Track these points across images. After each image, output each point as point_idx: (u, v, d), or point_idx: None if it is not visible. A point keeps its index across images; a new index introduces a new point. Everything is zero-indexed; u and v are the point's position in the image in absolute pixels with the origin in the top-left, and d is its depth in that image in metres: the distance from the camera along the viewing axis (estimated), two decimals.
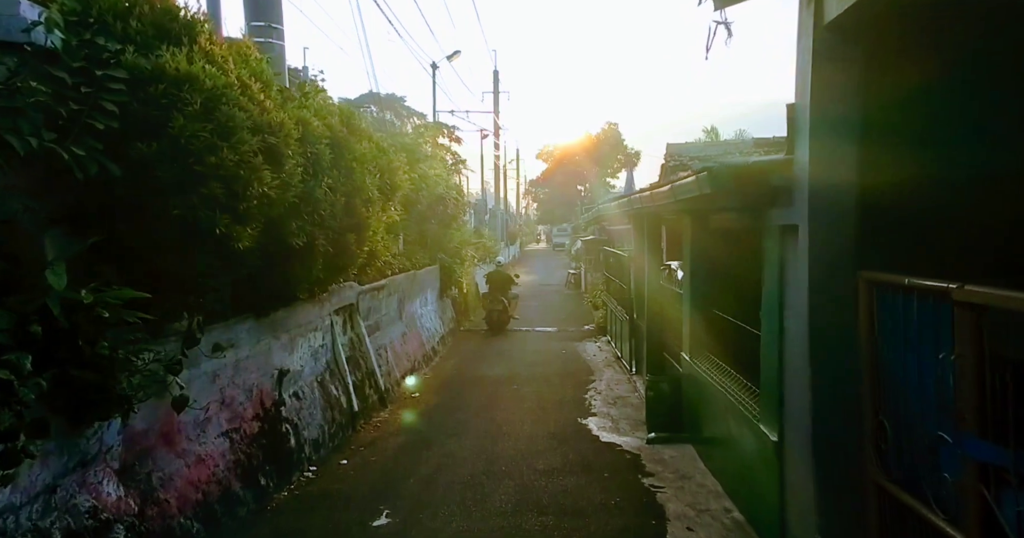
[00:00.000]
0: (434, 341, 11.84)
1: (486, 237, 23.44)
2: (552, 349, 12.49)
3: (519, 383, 9.68)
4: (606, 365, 11.13)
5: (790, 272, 3.83)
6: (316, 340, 6.43)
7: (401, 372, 9.21)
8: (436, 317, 12.76)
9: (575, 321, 16.10)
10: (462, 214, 14.11)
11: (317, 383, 6.28)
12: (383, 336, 8.98)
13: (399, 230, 9.65)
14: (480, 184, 28.80)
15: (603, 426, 7.30)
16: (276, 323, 5.38)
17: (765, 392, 4.31)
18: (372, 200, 5.78)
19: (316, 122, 4.74)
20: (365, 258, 6.16)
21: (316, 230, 4.90)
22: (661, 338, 9.10)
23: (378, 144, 6.65)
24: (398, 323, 9.99)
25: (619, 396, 8.93)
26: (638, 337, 10.21)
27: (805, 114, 3.28)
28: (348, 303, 7.61)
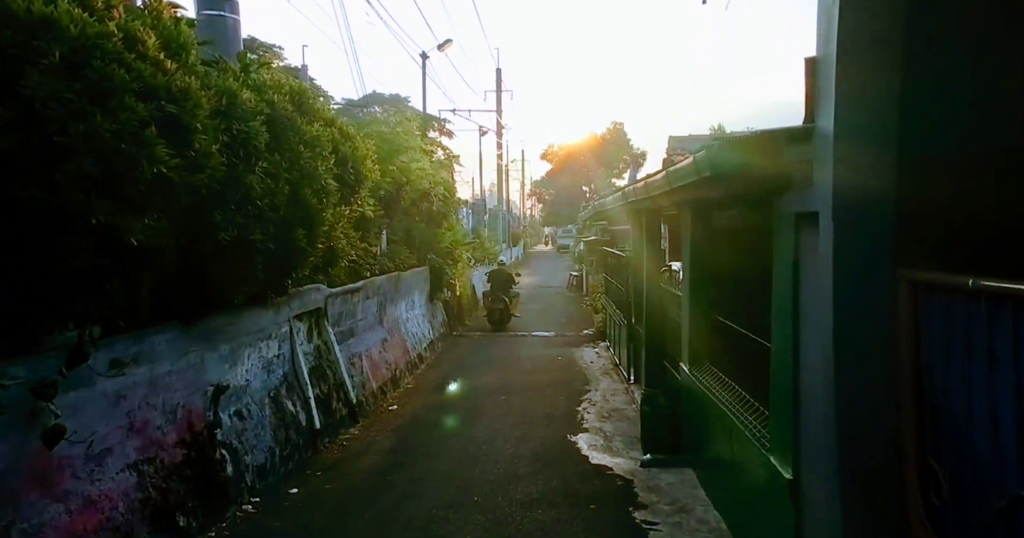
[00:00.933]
0: (421, 347, 11.14)
1: (484, 238, 22.75)
2: (547, 355, 11.77)
3: (508, 393, 8.96)
4: (603, 373, 10.39)
5: (807, 271, 3.10)
6: (270, 350, 5.73)
7: (379, 382, 8.51)
8: (424, 322, 12.06)
9: (574, 325, 15.36)
10: (453, 212, 13.41)
11: (269, 399, 5.57)
12: (358, 343, 8.28)
13: (375, 227, 8.96)
14: (479, 183, 28.13)
15: (594, 444, 6.57)
16: (212, 332, 4.69)
17: (776, 417, 3.58)
18: (328, 190, 5.08)
19: (248, 95, 4.04)
20: (322, 257, 5.45)
21: (252, 223, 4.20)
22: (661, 345, 8.37)
23: (342, 128, 5.96)
24: (378, 328, 9.29)
25: (615, 408, 8.20)
26: (636, 343, 9.47)
27: (830, 69, 2.56)
28: (314, 308, 6.91)
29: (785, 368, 3.42)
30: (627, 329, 9.81)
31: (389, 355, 9.32)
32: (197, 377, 4.50)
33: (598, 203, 9.63)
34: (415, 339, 11.01)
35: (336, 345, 7.28)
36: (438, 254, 13.14)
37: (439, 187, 10.81)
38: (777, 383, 3.59)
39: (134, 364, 3.78)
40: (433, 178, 10.56)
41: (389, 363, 9.17)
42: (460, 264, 15.26)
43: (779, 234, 3.46)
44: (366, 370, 8.18)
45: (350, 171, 5.82)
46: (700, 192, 4.34)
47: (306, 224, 4.83)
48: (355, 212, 6.22)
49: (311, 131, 4.87)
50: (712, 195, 4.55)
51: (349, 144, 5.96)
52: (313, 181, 4.85)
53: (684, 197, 5.16)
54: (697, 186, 3.98)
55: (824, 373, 2.83)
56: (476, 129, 37.99)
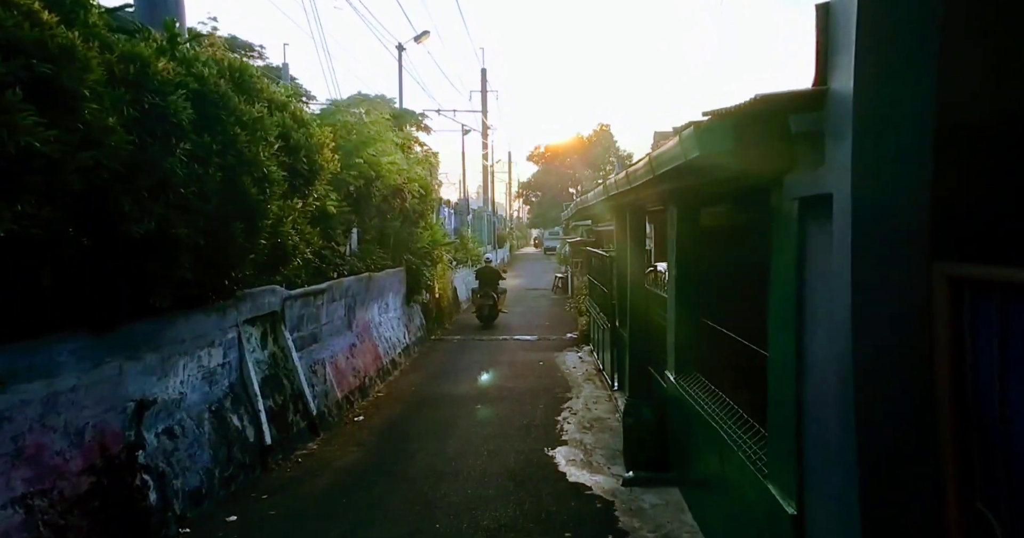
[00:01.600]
0: (394, 353, 10.56)
1: (467, 238, 22.21)
2: (529, 361, 11.23)
3: (485, 402, 8.42)
4: (586, 379, 9.88)
5: (815, 267, 2.60)
6: (212, 358, 5.15)
7: (345, 391, 7.93)
8: (399, 325, 11.49)
9: (558, 328, 14.85)
10: (431, 211, 12.85)
11: (210, 413, 4.99)
12: (322, 349, 7.70)
13: (342, 225, 8.39)
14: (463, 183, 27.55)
15: (573, 459, 6.04)
16: (135, 339, 4.11)
17: (776, 439, 3.07)
18: (273, 179, 4.52)
19: (167, 65, 3.48)
20: (268, 255, 4.89)
21: (175, 214, 3.64)
22: (645, 350, 7.88)
23: (295, 113, 5.40)
24: (346, 333, 8.71)
25: (597, 418, 7.68)
26: (620, 348, 8.98)
27: (849, 14, 2.06)
28: (269, 311, 6.33)
29: (785, 381, 2.92)
30: (611, 333, 9.32)
31: (358, 361, 8.75)
32: (114, 392, 3.92)
33: (580, 200, 9.13)
34: (389, 344, 10.44)
35: (294, 352, 6.71)
36: (415, 255, 12.58)
37: (414, 184, 10.24)
38: (776, 398, 3.09)
39: (24, 379, 3.20)
40: (407, 174, 10.00)
41: (358, 370, 8.60)
42: (440, 265, 14.71)
43: (779, 224, 2.96)
44: (330, 378, 7.61)
45: (303, 160, 5.26)
46: (688, 180, 3.84)
47: (245, 217, 4.27)
48: (311, 206, 5.65)
49: (251, 112, 4.30)
50: (701, 183, 4.05)
51: (303, 131, 5.40)
52: (253, 168, 4.29)
53: (670, 187, 4.66)
54: (684, 172, 3.47)
55: (837, 389, 2.33)
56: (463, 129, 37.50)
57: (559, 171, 59.88)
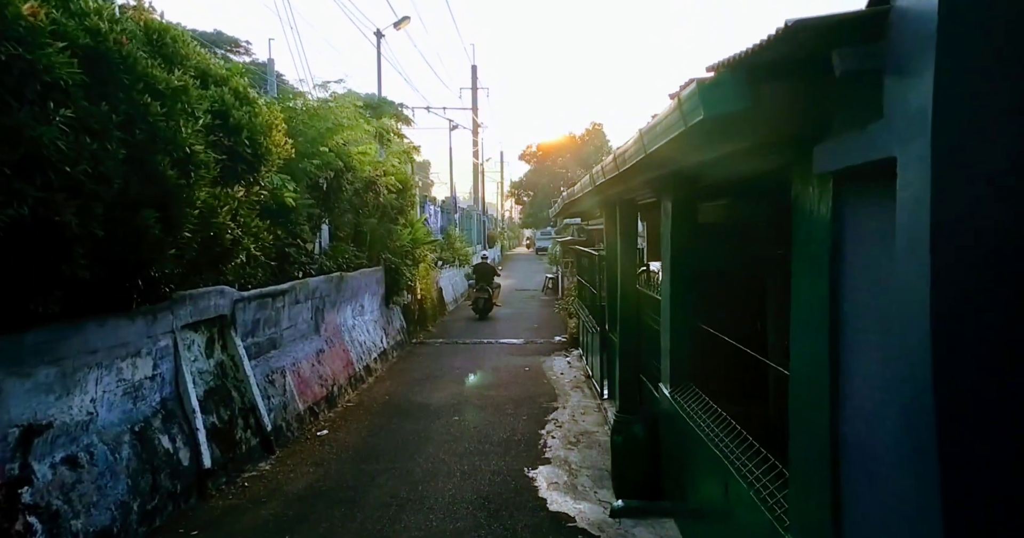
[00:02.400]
0: (369, 358, 9.87)
1: (455, 237, 21.52)
2: (514, 366, 10.57)
3: (464, 412, 7.75)
4: (574, 387, 9.22)
5: (861, 261, 1.95)
6: (138, 370, 4.46)
7: (309, 402, 7.24)
8: (376, 328, 10.79)
9: (546, 331, 14.19)
10: (411, 207, 12.16)
11: (132, 435, 4.29)
12: (283, 356, 7.00)
13: (309, 220, 7.70)
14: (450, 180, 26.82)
15: (556, 482, 5.38)
16: (19, 352, 3.41)
17: (801, 484, 2.41)
18: (198, 162, 3.83)
19: (33, 5, 2.79)
20: (198, 250, 4.19)
21: (58, 198, 2.95)
22: (637, 357, 7.24)
23: (237, 89, 4.70)
24: (313, 338, 8.02)
25: (584, 431, 7.02)
26: (610, 353, 8.33)
27: None
28: (216, 315, 5.64)
29: (814, 409, 2.26)
30: (600, 337, 8.67)
31: (326, 369, 8.05)
32: None
33: (568, 193, 8.48)
34: (363, 349, 9.74)
35: (247, 360, 6.01)
36: (394, 254, 11.89)
37: (390, 177, 9.55)
38: (801, 430, 2.43)
39: None
40: (384, 166, 9.31)
41: (325, 378, 7.90)
42: (423, 265, 14.03)
43: (806, 209, 2.30)
44: (291, 388, 6.91)
45: (245, 142, 4.57)
46: (689, 158, 3.18)
47: (160, 204, 3.57)
48: (258, 195, 4.96)
49: (169, 80, 3.61)
50: (703, 165, 3.40)
51: (246, 109, 4.71)
52: (172, 147, 3.60)
53: (665, 173, 4.01)
54: (684, 148, 2.81)
55: (903, 429, 1.68)
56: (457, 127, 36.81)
57: (551, 171, 59.27)
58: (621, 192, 6.63)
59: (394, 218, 11.46)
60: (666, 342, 4.69)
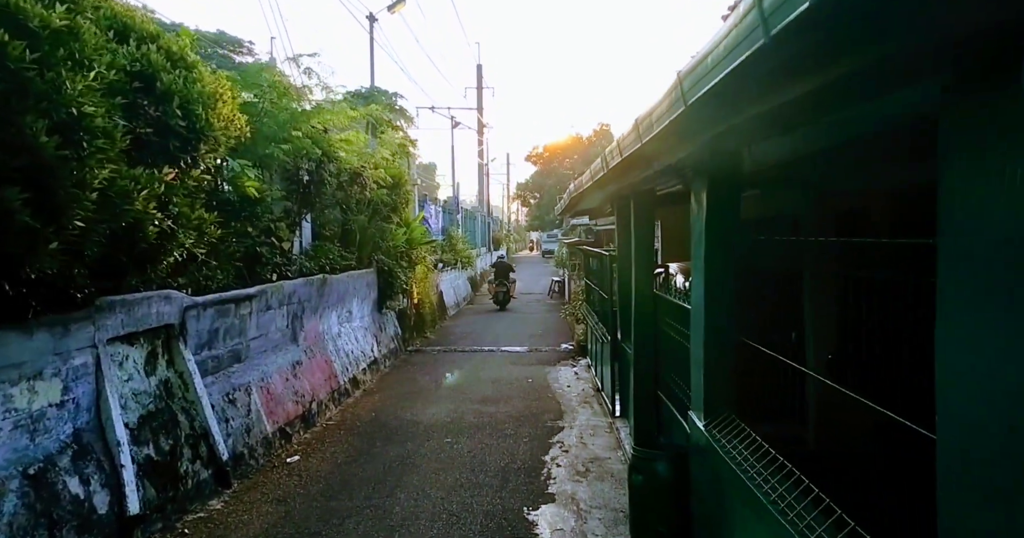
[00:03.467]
0: (356, 369, 8.98)
1: (457, 239, 20.63)
2: (516, 377, 9.65)
3: (458, 433, 6.85)
4: (582, 402, 8.31)
5: None
6: (34, 398, 3.57)
7: (280, 422, 6.35)
8: (366, 336, 9.91)
9: (552, 338, 13.28)
10: (405, 204, 11.28)
11: (24, 480, 3.41)
12: (249, 370, 6.12)
13: (282, 215, 6.84)
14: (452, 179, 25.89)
15: (562, 528, 4.46)
16: None
17: None
18: (94, 128, 2.94)
19: None
20: (106, 246, 3.31)
21: None
22: (655, 372, 6.33)
23: (170, 49, 3.83)
24: (288, 348, 7.13)
25: (594, 457, 6.10)
26: (623, 366, 7.42)
27: None
28: (159, 324, 4.77)
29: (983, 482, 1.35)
30: (611, 347, 7.76)
31: (303, 383, 7.16)
32: None
33: (575, 185, 7.57)
34: (349, 359, 8.86)
35: (199, 377, 5.12)
36: (388, 255, 11.01)
37: (379, 170, 8.66)
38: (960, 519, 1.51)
39: None
40: (373, 159, 8.43)
41: (302, 394, 7.01)
42: (420, 267, 13.15)
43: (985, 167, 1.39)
44: (258, 408, 6.02)
45: (177, 113, 3.69)
46: (760, 100, 2.24)
47: (32, 181, 2.69)
48: (198, 180, 4.08)
49: (48, 19, 2.73)
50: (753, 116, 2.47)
51: (183, 74, 3.83)
52: (50, 106, 2.71)
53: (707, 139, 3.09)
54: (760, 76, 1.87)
55: None
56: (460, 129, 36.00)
57: (558, 172, 58.37)
58: (637, 182, 5.72)
59: (387, 216, 10.58)
60: (699, 362, 3.77)
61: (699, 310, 3.76)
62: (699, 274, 3.76)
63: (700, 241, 3.71)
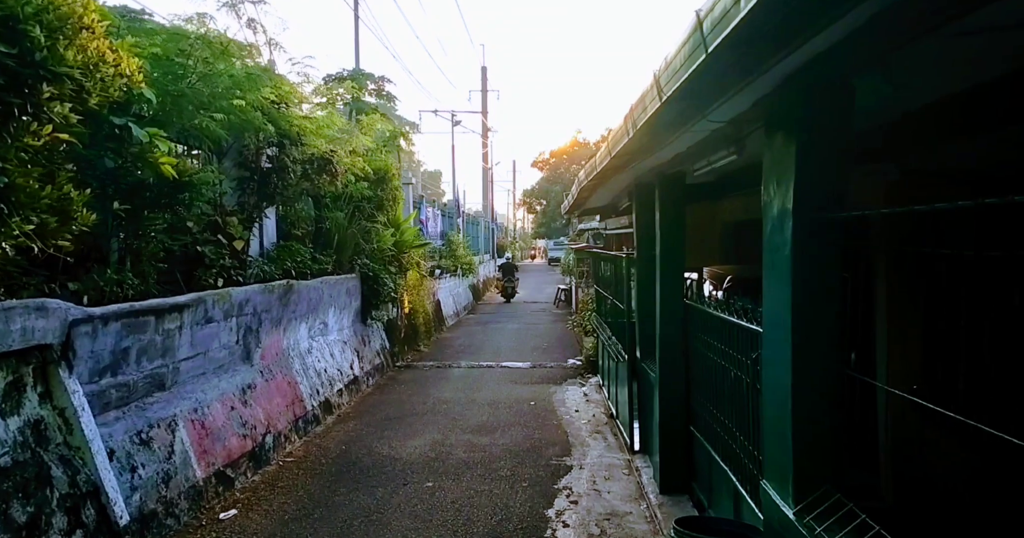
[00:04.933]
0: (331, 390, 7.72)
1: (458, 244, 19.40)
2: (517, 399, 8.37)
3: (442, 475, 5.58)
4: (593, 431, 7.02)
5: None
6: None
7: (217, 464, 5.08)
8: (345, 351, 8.65)
9: (558, 351, 12.00)
10: (394, 202, 10.04)
11: None
12: (176, 400, 4.87)
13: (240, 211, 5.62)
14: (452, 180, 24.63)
15: None
16: None
17: None
18: None
19: None
20: None
21: None
22: (686, 398, 5.08)
23: None
24: (238, 369, 5.89)
25: (611, 512, 4.82)
26: (643, 390, 6.14)
27: None
28: (28, 345, 3.52)
29: None
30: (627, 367, 6.47)
31: (256, 411, 5.90)
32: None
33: (586, 171, 6.30)
34: (322, 379, 7.60)
35: (87, 414, 3.86)
36: (374, 259, 9.79)
37: (356, 158, 7.42)
38: None
39: None
40: (349, 144, 7.20)
41: (252, 425, 5.75)
42: (412, 272, 11.91)
43: None
44: (185, 448, 4.76)
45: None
46: None
47: None
48: (48, 140, 2.84)
49: None
50: None
51: None
52: None
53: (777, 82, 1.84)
54: None
55: None
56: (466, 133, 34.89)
57: (565, 179, 57.15)
58: (665, 163, 4.48)
59: (370, 214, 9.35)
60: (780, 410, 2.48)
61: (779, 333, 2.48)
62: (779, 280, 2.48)
63: (781, 231, 2.44)
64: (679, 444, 5.12)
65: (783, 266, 2.41)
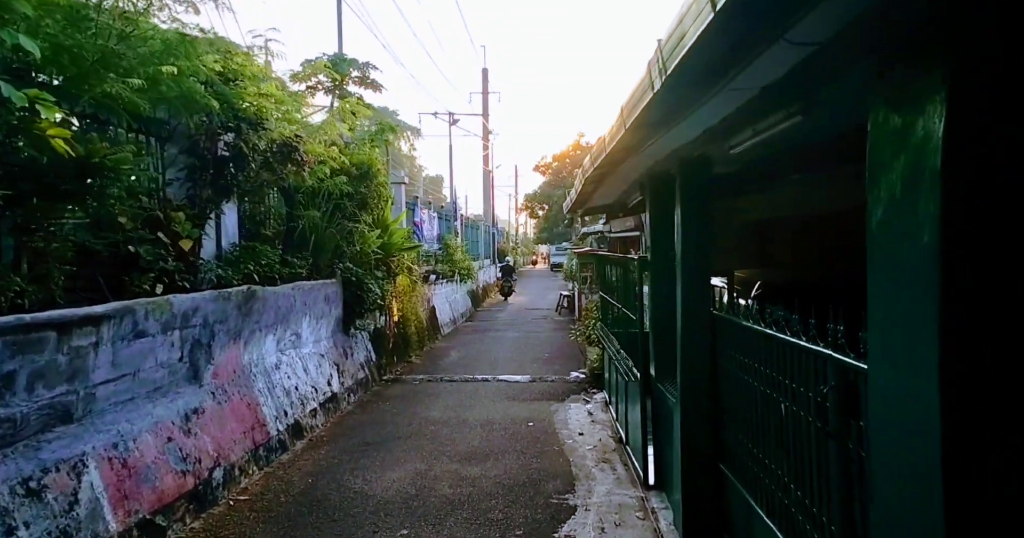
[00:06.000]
0: (302, 410, 6.80)
1: (455, 247, 18.50)
2: (514, 419, 7.45)
3: (420, 519, 4.66)
4: (600, 459, 6.09)
5: None
6: None
7: (143, 511, 4.15)
8: (323, 365, 7.74)
9: (560, 363, 11.07)
10: (379, 200, 9.13)
11: None
12: (88, 434, 3.95)
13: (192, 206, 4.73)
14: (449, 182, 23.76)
15: None
16: None
17: None
18: None
19: None
20: None
21: None
22: (714, 430, 4.18)
23: None
24: (181, 391, 4.98)
25: None
26: (660, 415, 5.21)
27: None
28: None
29: None
30: (640, 386, 5.55)
31: (201, 441, 4.99)
32: None
33: (589, 160, 5.38)
34: (291, 398, 6.68)
35: None
36: (358, 262, 8.89)
37: (333, 148, 6.52)
38: None
39: None
40: (324, 132, 6.30)
41: (196, 458, 4.84)
42: (402, 278, 11.00)
43: None
44: (95, 495, 3.83)
45: None
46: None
47: None
48: None
49: None
50: None
51: None
52: None
53: None
54: None
55: None
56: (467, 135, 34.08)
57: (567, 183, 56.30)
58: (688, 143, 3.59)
59: (353, 213, 8.45)
60: (912, 505, 1.56)
61: (909, 376, 1.56)
62: (906, 288, 1.57)
63: (913, 209, 1.53)
64: (706, 484, 4.20)
65: (916, 266, 1.50)
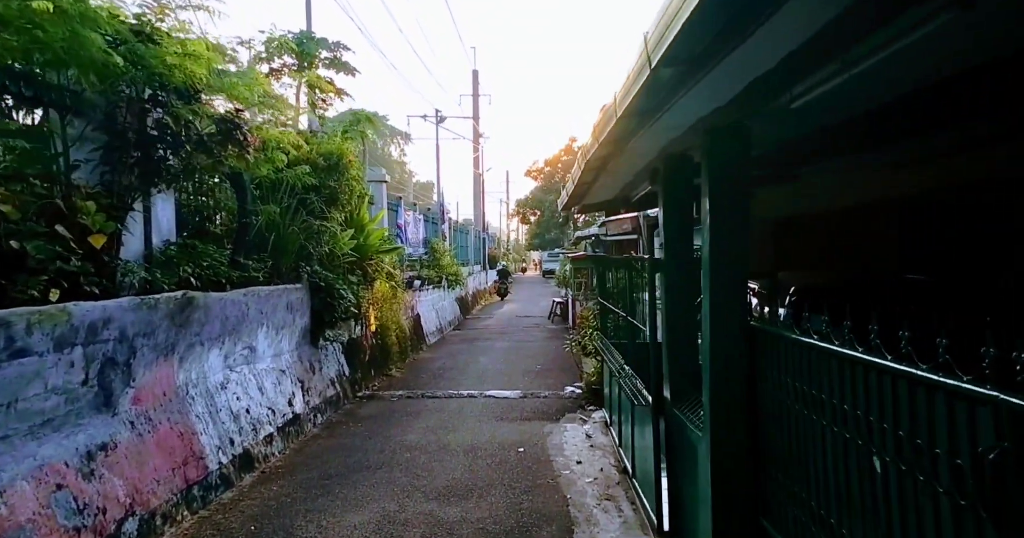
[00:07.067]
0: (254, 437, 5.82)
1: (443, 252, 17.55)
2: (502, 443, 6.50)
3: None
4: (602, 495, 5.15)
5: None
6: None
7: None
8: (283, 383, 6.76)
9: (554, 377, 10.13)
10: (353, 196, 8.19)
11: None
12: None
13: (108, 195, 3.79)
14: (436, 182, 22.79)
15: None
16: None
17: None
18: None
19: None
20: None
21: None
22: (755, 477, 3.25)
23: None
24: (85, 422, 4.00)
25: None
26: (678, 447, 4.26)
27: None
28: None
29: None
30: (652, 411, 4.60)
31: (109, 485, 4.00)
32: None
33: (590, 141, 4.45)
34: (240, 423, 5.71)
35: None
36: (329, 266, 7.94)
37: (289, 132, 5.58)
38: None
39: None
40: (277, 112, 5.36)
41: (99, 508, 3.85)
42: (380, 283, 10.04)
43: None
44: None
45: None
46: None
47: None
48: None
49: None
50: None
51: None
52: None
53: None
54: None
55: None
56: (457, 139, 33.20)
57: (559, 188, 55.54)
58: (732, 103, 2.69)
59: (320, 210, 7.50)
60: None
61: None
62: None
63: None
64: None
65: None
